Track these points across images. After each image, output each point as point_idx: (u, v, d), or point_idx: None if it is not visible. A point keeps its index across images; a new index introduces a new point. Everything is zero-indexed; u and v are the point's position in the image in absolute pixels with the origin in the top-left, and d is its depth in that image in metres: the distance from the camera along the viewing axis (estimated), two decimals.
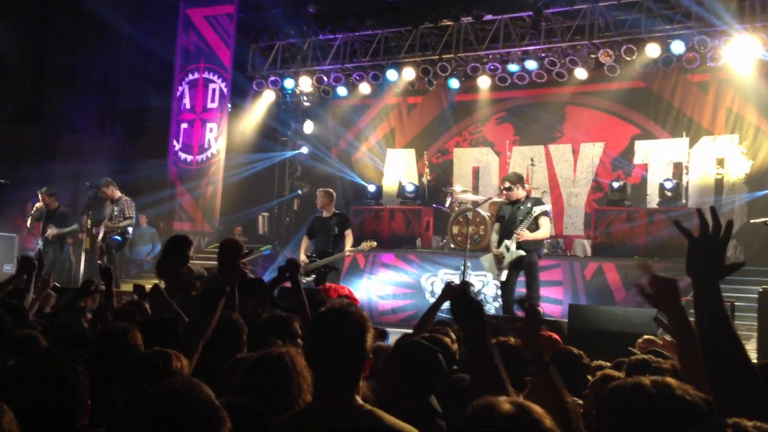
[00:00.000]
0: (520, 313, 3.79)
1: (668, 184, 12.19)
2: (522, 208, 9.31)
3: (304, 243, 10.61)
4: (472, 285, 10.48)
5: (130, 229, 11.67)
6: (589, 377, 4.10)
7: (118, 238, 11.40)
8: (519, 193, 9.43)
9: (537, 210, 9.19)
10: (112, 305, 5.34)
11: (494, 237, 9.64)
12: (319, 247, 10.35)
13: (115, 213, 11.38)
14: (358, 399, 2.48)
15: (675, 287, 2.59)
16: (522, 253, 9.18)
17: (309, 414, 2.54)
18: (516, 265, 9.27)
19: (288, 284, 5.31)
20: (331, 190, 10.85)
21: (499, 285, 9.85)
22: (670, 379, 2.11)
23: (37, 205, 11.99)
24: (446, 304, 4.93)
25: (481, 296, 11.90)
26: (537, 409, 1.91)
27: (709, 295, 2.10)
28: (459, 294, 2.60)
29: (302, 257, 10.20)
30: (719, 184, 12.87)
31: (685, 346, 2.58)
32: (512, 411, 1.87)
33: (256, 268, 13.26)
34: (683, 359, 2.64)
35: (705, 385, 2.06)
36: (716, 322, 2.08)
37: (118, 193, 11.45)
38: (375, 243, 10.66)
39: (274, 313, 4.48)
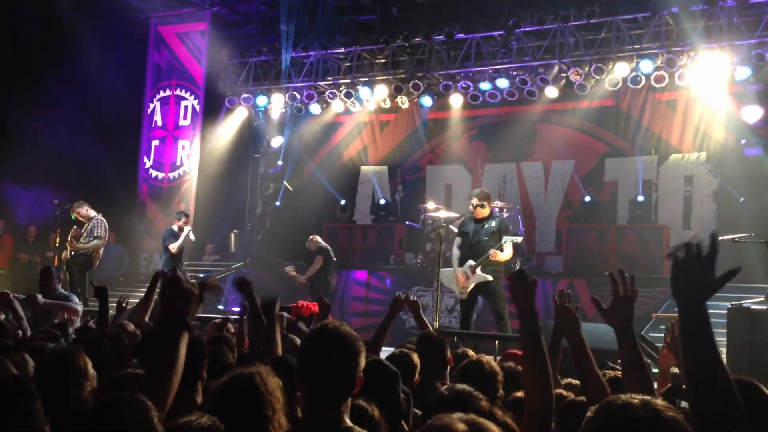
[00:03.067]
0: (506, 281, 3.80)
1: (637, 202, 12.34)
2: (486, 226, 9.15)
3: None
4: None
5: (101, 251, 11.50)
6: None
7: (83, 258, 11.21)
8: (485, 211, 9.37)
9: (507, 239, 9.05)
10: (105, 324, 5.33)
11: (456, 252, 9.39)
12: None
13: (85, 233, 11.23)
14: (347, 420, 2.46)
15: (533, 286, 2.76)
16: (489, 278, 9.01)
17: None
18: (479, 289, 9.12)
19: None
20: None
21: (460, 303, 9.69)
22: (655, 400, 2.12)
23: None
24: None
25: (454, 313, 11.91)
26: (492, 426, 1.90)
27: (694, 319, 2.04)
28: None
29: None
30: (688, 201, 13.05)
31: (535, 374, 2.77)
32: (466, 429, 1.87)
33: (226, 286, 13.17)
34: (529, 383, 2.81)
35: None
36: (701, 346, 2.03)
37: (92, 212, 11.28)
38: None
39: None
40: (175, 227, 12.20)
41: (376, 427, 2.85)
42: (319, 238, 12.66)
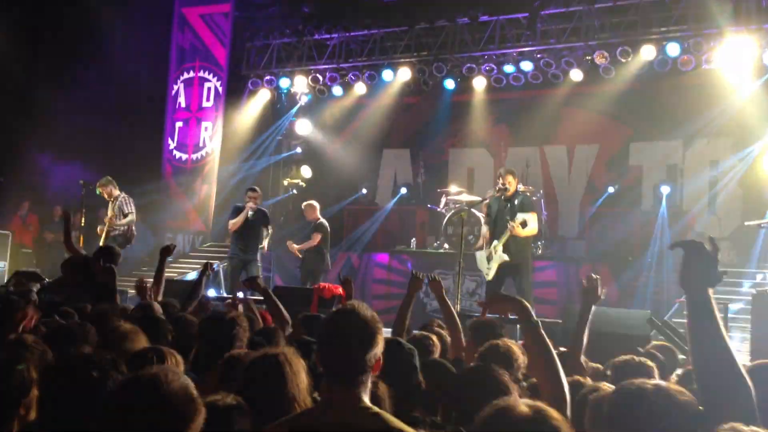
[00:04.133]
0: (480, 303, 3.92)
1: (663, 187, 12.23)
2: (509, 205, 9.15)
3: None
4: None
5: (134, 226, 11.58)
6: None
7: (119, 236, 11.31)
8: (515, 187, 9.32)
9: (521, 215, 8.99)
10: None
11: (484, 230, 9.46)
12: None
13: (115, 212, 11.31)
14: (366, 400, 2.48)
15: (519, 302, 2.90)
16: (506, 257, 9.00)
17: (315, 413, 2.55)
18: (506, 270, 9.12)
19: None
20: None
21: (486, 284, 9.71)
22: (666, 383, 2.15)
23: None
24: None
25: (475, 296, 11.92)
26: (555, 414, 1.92)
27: (701, 305, 2.20)
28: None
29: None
30: (714, 186, 12.91)
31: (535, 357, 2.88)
32: (529, 414, 1.89)
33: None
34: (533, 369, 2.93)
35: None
36: (707, 329, 2.17)
37: (116, 192, 11.36)
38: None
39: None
40: (241, 204, 11.28)
41: (379, 403, 2.88)
42: (318, 210, 11.87)
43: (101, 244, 11.04)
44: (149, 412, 2.00)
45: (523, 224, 8.97)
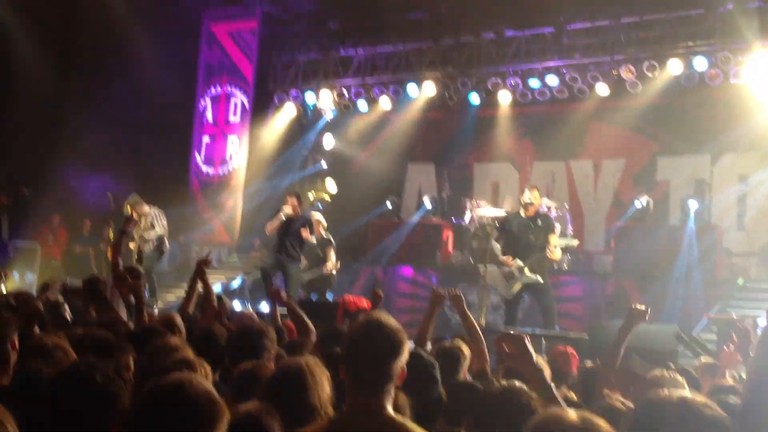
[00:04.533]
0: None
1: (690, 201, 12.11)
2: (533, 225, 9.03)
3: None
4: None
5: (166, 239, 11.71)
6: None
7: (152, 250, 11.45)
8: (539, 204, 9.24)
9: (563, 241, 8.93)
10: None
11: (497, 246, 9.24)
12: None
13: (148, 225, 11.44)
14: (390, 409, 2.50)
15: (522, 342, 2.94)
16: (538, 279, 8.93)
17: (340, 422, 2.56)
18: (528, 289, 9.03)
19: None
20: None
21: (504, 301, 9.59)
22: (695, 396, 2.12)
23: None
24: None
25: (500, 310, 11.86)
26: (602, 423, 1.94)
27: None
28: None
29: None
30: (742, 201, 12.76)
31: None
32: (578, 422, 1.91)
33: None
34: None
35: None
36: None
37: (146, 209, 11.42)
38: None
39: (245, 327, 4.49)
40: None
41: (400, 413, 2.89)
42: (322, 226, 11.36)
43: (134, 259, 11.19)
44: (174, 415, 2.05)
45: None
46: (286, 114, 16.08)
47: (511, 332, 3.09)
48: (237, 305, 11.14)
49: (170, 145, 16.52)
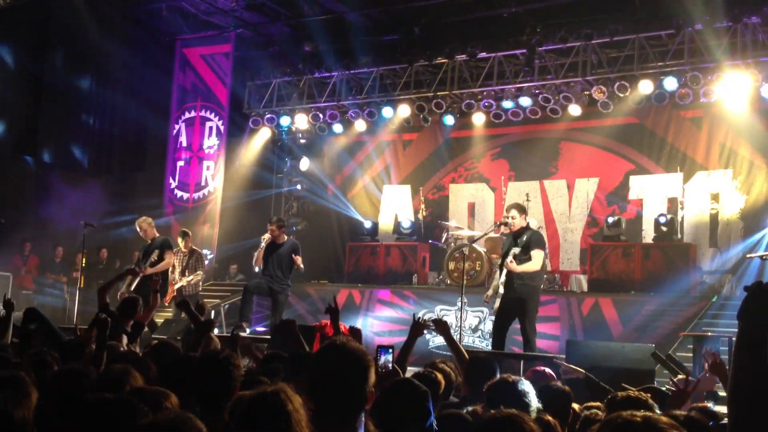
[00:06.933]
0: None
1: (663, 220, 12.23)
2: (518, 240, 9.03)
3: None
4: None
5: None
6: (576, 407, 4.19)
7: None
8: (520, 223, 9.17)
9: (514, 250, 8.92)
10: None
11: (497, 274, 9.43)
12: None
13: (189, 267, 11.65)
14: None
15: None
16: (489, 292, 9.06)
17: None
18: (510, 308, 8.92)
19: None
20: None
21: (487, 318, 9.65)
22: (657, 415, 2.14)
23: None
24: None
25: (478, 332, 11.86)
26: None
27: (756, 337, 2.15)
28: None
29: None
30: (714, 219, 12.90)
31: None
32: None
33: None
34: None
35: None
36: (756, 363, 2.12)
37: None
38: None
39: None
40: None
41: None
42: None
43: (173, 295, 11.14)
44: None
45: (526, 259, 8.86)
46: (261, 137, 16.07)
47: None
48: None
49: (144, 170, 16.41)
